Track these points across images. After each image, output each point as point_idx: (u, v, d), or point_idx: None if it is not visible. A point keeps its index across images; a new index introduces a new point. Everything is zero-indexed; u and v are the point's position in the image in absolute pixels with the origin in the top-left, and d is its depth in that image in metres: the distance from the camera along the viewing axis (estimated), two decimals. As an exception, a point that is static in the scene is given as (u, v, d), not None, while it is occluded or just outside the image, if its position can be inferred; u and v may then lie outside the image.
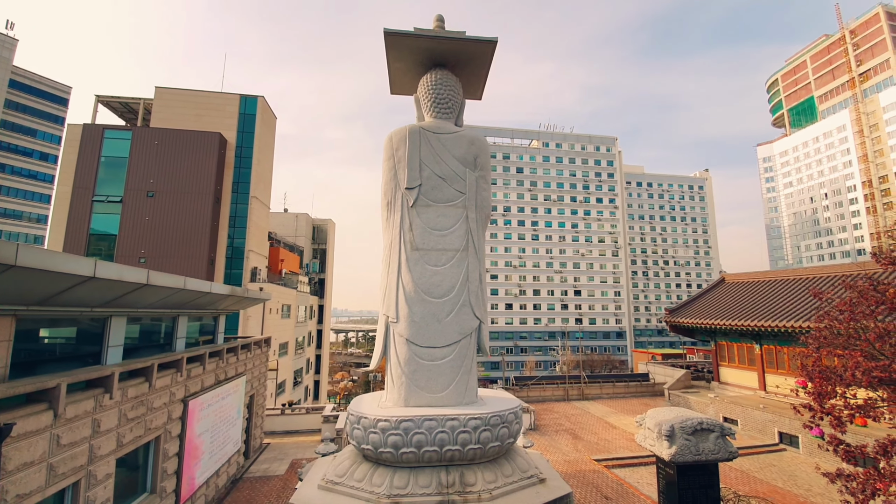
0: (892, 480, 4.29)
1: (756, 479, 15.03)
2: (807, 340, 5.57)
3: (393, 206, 7.32)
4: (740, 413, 21.01)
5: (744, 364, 23.94)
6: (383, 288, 7.32)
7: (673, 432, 7.09)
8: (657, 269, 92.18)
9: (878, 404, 4.96)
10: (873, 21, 78.65)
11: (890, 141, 74.68)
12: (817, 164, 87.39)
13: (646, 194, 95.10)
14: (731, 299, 25.32)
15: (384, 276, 7.35)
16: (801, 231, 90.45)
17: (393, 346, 7.09)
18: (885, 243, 9.56)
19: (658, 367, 31.71)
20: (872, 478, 4.63)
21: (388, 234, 7.37)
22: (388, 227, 7.36)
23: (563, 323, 76.92)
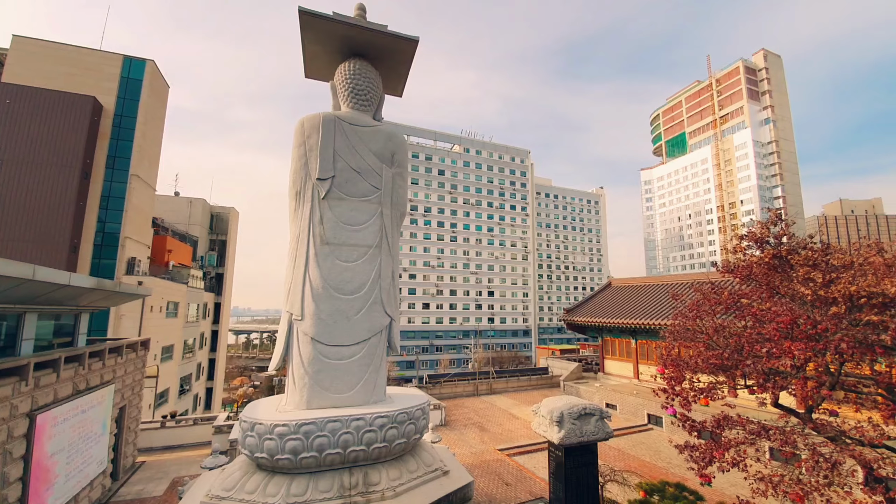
0: (724, 449, 5.33)
1: (629, 455, 17.34)
2: (665, 335, 6.67)
3: (302, 197, 6.86)
4: (619, 399, 24.07)
5: (623, 357, 27.55)
6: (288, 283, 6.83)
7: (562, 418, 7.74)
8: (559, 273, 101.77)
9: (717, 386, 6.09)
10: (734, 73, 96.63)
11: (739, 174, 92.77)
12: (685, 189, 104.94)
13: (552, 205, 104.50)
14: (615, 301, 28.94)
15: (289, 270, 6.86)
16: (670, 244, 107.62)
17: (296, 345, 6.66)
18: (728, 257, 12.48)
19: (556, 361, 34.76)
20: (711, 448, 5.68)
21: (295, 226, 6.89)
22: (297, 219, 6.88)
23: (476, 322, 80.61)
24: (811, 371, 5.14)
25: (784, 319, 4.75)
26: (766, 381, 4.93)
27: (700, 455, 5.60)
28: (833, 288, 4.75)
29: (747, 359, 4.96)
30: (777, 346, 4.62)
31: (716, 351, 5.39)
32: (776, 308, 5.06)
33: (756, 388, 5.16)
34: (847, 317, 4.83)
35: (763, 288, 5.82)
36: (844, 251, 5.81)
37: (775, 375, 5.00)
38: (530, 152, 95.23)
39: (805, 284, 5.02)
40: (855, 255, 5.43)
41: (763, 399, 5.10)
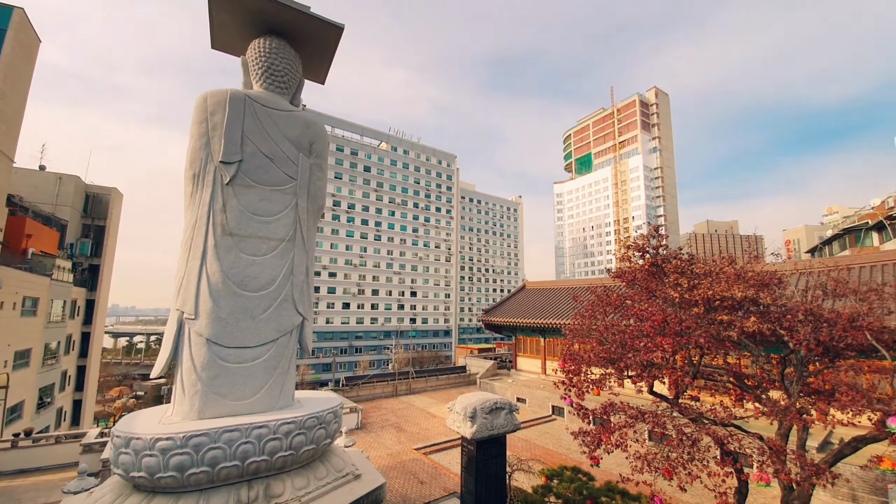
0: (610, 433, 6.01)
1: (535, 444, 18.66)
2: (566, 333, 7.35)
3: (201, 180, 6.08)
4: (528, 393, 25.79)
5: (533, 354, 29.62)
6: (180, 278, 6.03)
7: (475, 413, 7.97)
8: (479, 276, 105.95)
9: (607, 377, 6.84)
10: (631, 105, 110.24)
11: (632, 193, 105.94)
12: (589, 204, 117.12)
13: (475, 210, 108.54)
14: (527, 302, 31.00)
15: (182, 263, 6.06)
16: (576, 252, 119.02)
17: (187, 347, 5.90)
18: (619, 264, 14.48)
19: (474, 359, 36.01)
20: (600, 432, 6.36)
21: (192, 212, 6.09)
22: (193, 205, 6.08)
23: (398, 322, 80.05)
24: (679, 362, 6.08)
25: (657, 318, 5.59)
26: (643, 371, 5.72)
27: (591, 440, 6.26)
28: (695, 292, 5.72)
29: (629, 352, 5.71)
30: (652, 341, 5.40)
31: (606, 346, 6.12)
32: (652, 308, 5.93)
33: (636, 378, 5.93)
34: (705, 316, 5.84)
35: (644, 291, 6.75)
36: (706, 262, 6.98)
37: (651, 367, 5.82)
38: (457, 157, 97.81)
39: (674, 288, 5.96)
40: (713, 266, 6.58)
41: (641, 387, 5.88)
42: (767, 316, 5.93)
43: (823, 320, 5.67)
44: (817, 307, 5.99)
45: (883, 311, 5.98)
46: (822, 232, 61.42)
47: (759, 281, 6.15)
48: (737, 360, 7.19)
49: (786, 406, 5.27)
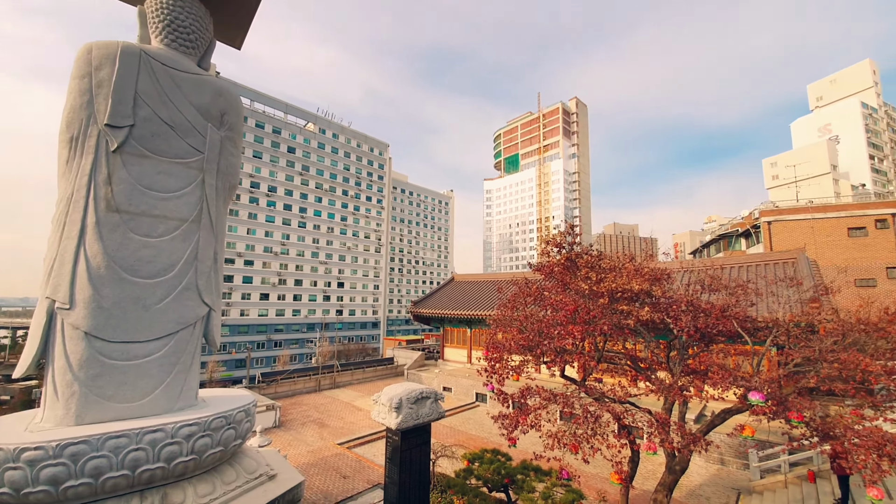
0: (526, 415, 6.44)
1: (459, 430, 19.31)
2: (490, 323, 7.70)
3: (80, 145, 5.10)
4: (454, 382, 26.56)
5: (460, 344, 30.51)
6: (50, 260, 5.04)
7: (401, 404, 7.95)
8: (410, 267, 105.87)
9: (526, 364, 7.27)
10: (555, 112, 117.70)
11: (553, 195, 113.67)
12: (515, 202, 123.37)
13: (407, 201, 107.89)
14: (456, 294, 31.77)
15: (54, 242, 5.08)
16: (502, 247, 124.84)
17: (60, 342, 4.98)
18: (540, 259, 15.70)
19: (402, 351, 36.02)
20: (517, 415, 6.77)
21: (67, 183, 5.10)
22: (69, 174, 5.09)
23: (323, 314, 76.63)
24: (587, 348, 6.72)
25: (569, 308, 6.12)
26: (556, 357, 6.23)
27: (509, 422, 6.64)
28: (602, 285, 6.38)
29: (545, 340, 6.17)
30: (565, 329, 5.90)
31: (525, 334, 6.53)
32: (565, 299, 6.48)
33: (550, 363, 6.43)
34: (609, 306, 6.52)
35: (559, 283, 7.32)
36: (611, 259, 7.77)
37: (563, 352, 6.36)
38: (389, 146, 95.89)
39: (585, 281, 6.58)
40: (617, 262, 7.37)
41: (554, 372, 6.39)
42: (658, 307, 6.84)
43: (701, 311, 6.71)
44: (696, 299, 7.04)
45: (746, 303, 7.20)
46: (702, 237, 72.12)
47: (652, 276, 7.04)
48: (633, 345, 8.11)
49: (670, 384, 6.11)
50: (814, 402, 5.23)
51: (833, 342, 5.67)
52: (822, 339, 5.86)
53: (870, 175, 73.88)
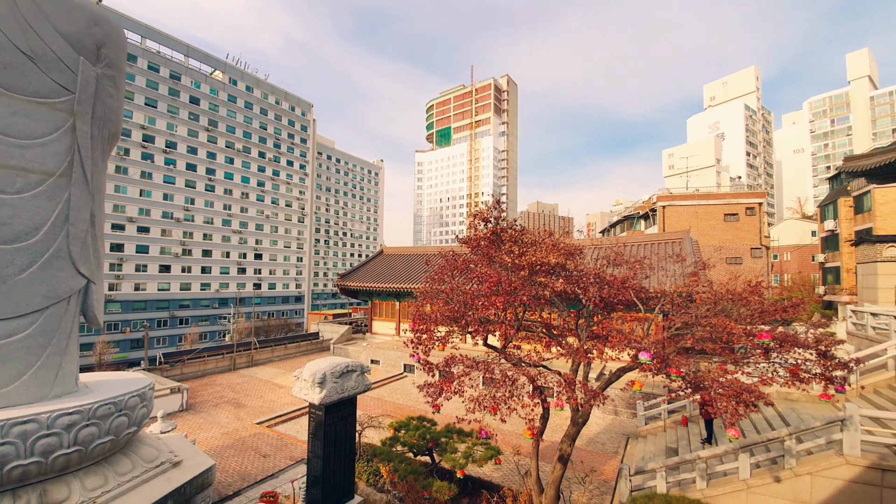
0: (450, 382, 6.73)
1: (387, 401, 19.63)
2: (417, 295, 7.81)
3: None
4: (382, 354, 26.71)
5: (389, 317, 30.55)
6: None
7: (324, 378, 7.80)
8: (336, 239, 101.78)
9: (452, 334, 7.52)
10: (487, 88, 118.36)
11: (482, 171, 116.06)
12: (447, 176, 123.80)
13: (334, 168, 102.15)
14: (385, 267, 31.47)
15: None
16: (433, 221, 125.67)
17: None
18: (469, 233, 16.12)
19: (328, 325, 35.05)
20: (442, 383, 7.05)
21: None
22: None
23: (238, 288, 70.82)
24: (509, 318, 7.16)
25: (493, 280, 6.45)
26: (480, 327, 6.55)
27: (434, 390, 6.90)
28: (523, 258, 6.80)
29: (469, 311, 6.44)
30: (488, 301, 6.21)
31: (451, 306, 6.73)
32: (490, 272, 6.80)
33: (474, 333, 6.75)
34: (529, 279, 6.99)
35: (485, 256, 7.62)
36: (533, 234, 8.26)
37: (486, 323, 6.70)
38: (313, 106, 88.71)
39: (508, 255, 6.96)
40: (537, 237, 7.86)
41: (477, 341, 6.72)
42: (571, 279, 7.52)
43: (605, 283, 7.52)
44: (602, 273, 7.85)
45: (642, 276, 8.20)
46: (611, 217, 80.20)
47: (567, 251, 7.67)
48: (549, 314, 8.81)
49: (577, 348, 6.81)
50: (689, 360, 6.25)
51: (706, 309, 6.80)
52: (698, 307, 6.99)
53: (745, 169, 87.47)
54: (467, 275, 7.45)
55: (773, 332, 6.33)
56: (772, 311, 6.81)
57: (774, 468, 8.49)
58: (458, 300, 6.94)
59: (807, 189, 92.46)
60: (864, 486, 7.59)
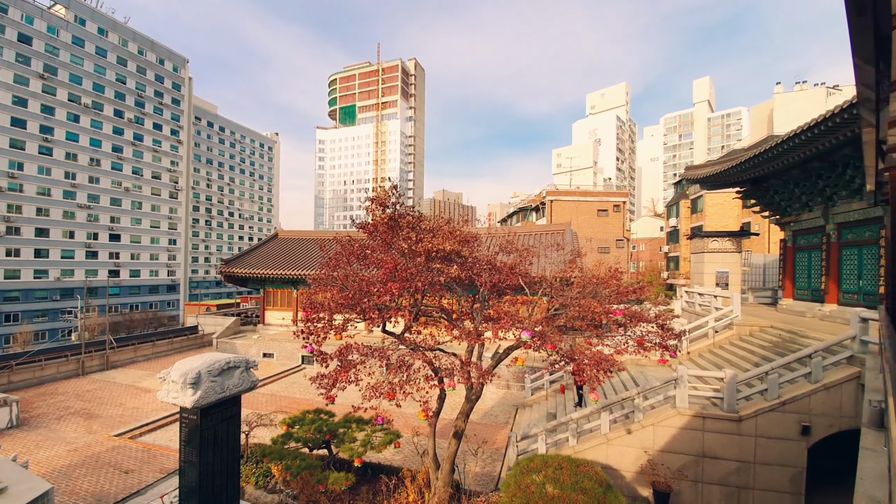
0: (346, 371, 6.59)
1: (281, 396, 18.42)
2: (310, 282, 7.44)
3: None
4: (277, 347, 24.87)
5: (284, 306, 28.47)
6: None
7: (199, 378, 7.01)
8: (221, 220, 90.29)
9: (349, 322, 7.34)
10: (395, 69, 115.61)
11: (389, 155, 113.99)
12: (352, 157, 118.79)
13: (217, 138, 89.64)
14: (280, 252, 29.12)
15: None
16: (336, 204, 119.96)
17: None
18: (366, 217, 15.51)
19: (210, 318, 31.29)
20: (337, 373, 6.86)
21: None
22: None
23: (88, 276, 58.34)
24: (405, 304, 7.26)
25: (389, 266, 6.47)
26: (377, 313, 6.53)
27: (328, 381, 6.69)
28: (420, 245, 6.94)
29: (365, 298, 6.36)
30: (384, 287, 6.21)
31: (346, 293, 6.56)
32: (386, 258, 6.79)
33: (370, 321, 6.70)
34: (427, 265, 7.18)
35: (383, 242, 7.57)
36: (430, 220, 8.47)
37: (383, 309, 6.70)
38: (188, 61, 76.07)
39: (406, 241, 7.02)
40: (435, 224, 8.09)
41: (371, 328, 6.69)
42: (466, 265, 7.93)
43: (497, 269, 8.12)
44: (494, 260, 8.46)
45: (527, 263, 9.03)
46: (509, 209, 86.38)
47: (463, 239, 8.06)
48: (450, 300, 9.19)
49: (471, 331, 7.25)
50: (563, 337, 7.15)
51: (577, 292, 7.84)
52: (571, 290, 8.01)
53: (615, 172, 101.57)
54: (364, 261, 7.32)
55: (627, 310, 7.60)
56: (627, 292, 8.16)
57: (627, 422, 10.28)
58: (353, 287, 6.78)
59: (659, 191, 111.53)
60: (691, 431, 9.66)
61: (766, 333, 13.64)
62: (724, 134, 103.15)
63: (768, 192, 18.64)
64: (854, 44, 1.58)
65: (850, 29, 1.51)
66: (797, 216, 17.72)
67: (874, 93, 2.67)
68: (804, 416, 9.08)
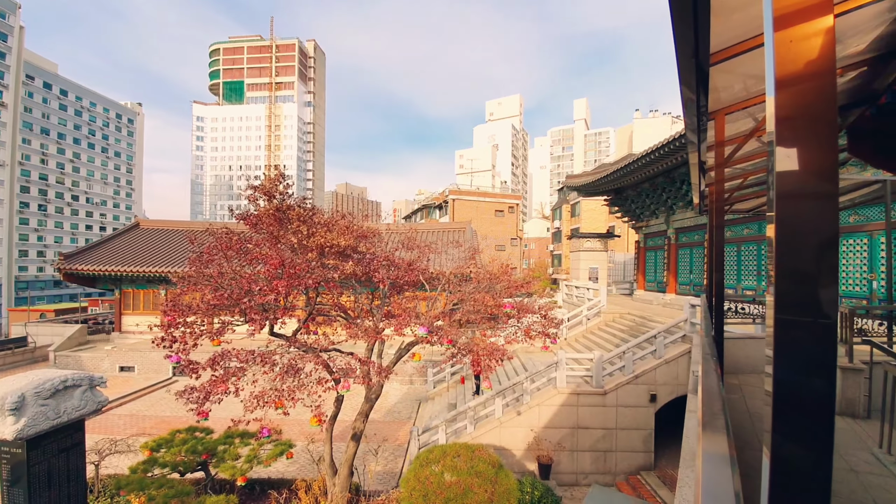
0: (224, 382, 5.84)
1: (146, 416, 15.64)
2: (175, 281, 6.44)
3: None
4: (139, 358, 21.05)
5: (149, 310, 24.20)
6: None
7: (23, 402, 5.65)
8: (62, 205, 72.94)
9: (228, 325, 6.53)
10: (291, 48, 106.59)
11: (285, 142, 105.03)
12: (239, 140, 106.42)
13: (57, 103, 71.96)
14: (143, 246, 24.70)
15: None
16: (219, 192, 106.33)
17: None
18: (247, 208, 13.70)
19: (45, 326, 25.12)
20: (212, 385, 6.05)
21: None
22: None
23: None
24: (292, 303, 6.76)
25: (275, 262, 5.92)
26: (259, 315, 5.92)
27: (201, 394, 5.86)
28: (312, 239, 6.50)
29: (245, 297, 5.72)
30: (268, 285, 5.65)
31: (221, 293, 5.81)
32: (271, 253, 6.21)
33: (252, 322, 6.06)
34: (320, 261, 6.77)
35: (268, 235, 6.92)
36: (324, 213, 8.04)
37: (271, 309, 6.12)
38: (20, 7, 59.94)
39: (295, 235, 6.51)
40: (330, 218, 7.71)
41: (253, 330, 6.08)
42: (363, 262, 7.72)
43: (395, 265, 8.08)
44: (393, 256, 8.41)
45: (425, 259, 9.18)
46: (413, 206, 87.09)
47: (361, 234, 7.82)
48: (353, 297, 8.84)
49: (368, 328, 7.08)
50: (459, 330, 7.45)
51: (473, 287, 8.24)
52: (468, 286, 8.39)
53: (510, 176, 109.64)
54: (246, 256, 6.56)
55: (517, 303, 8.26)
56: (517, 286, 8.86)
57: (517, 405, 11.18)
58: (231, 285, 6.02)
59: (546, 196, 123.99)
60: (568, 408, 10.91)
61: (625, 319, 16.18)
62: (597, 149, 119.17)
63: (626, 200, 22.18)
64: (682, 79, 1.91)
65: (679, 67, 1.82)
66: (647, 222, 21.44)
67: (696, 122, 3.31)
68: (652, 387, 11.00)
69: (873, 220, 10.59)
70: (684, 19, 1.39)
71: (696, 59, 1.73)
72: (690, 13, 1.35)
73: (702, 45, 1.63)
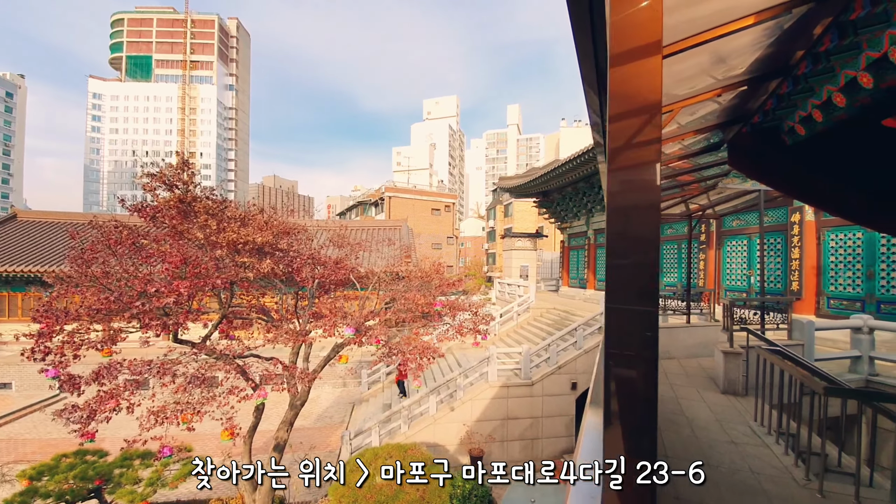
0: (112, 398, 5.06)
1: (28, 440, 13.37)
2: (52, 282, 5.46)
3: None
4: (18, 372, 17.87)
5: (25, 317, 20.45)
6: None
7: None
8: None
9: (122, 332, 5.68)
10: (210, 24, 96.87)
11: (201, 127, 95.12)
12: (145, 122, 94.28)
13: None
14: (19, 240, 20.85)
15: None
16: (120, 179, 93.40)
17: None
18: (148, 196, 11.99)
19: None
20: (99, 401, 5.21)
21: None
22: None
23: None
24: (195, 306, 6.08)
25: (176, 260, 5.27)
26: (157, 320, 5.23)
27: (85, 414, 5.02)
28: (222, 235, 5.91)
29: (139, 300, 5.01)
30: (167, 286, 5.02)
31: (107, 295, 5.03)
32: (172, 250, 5.53)
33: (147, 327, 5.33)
34: (231, 258, 6.18)
35: (170, 230, 6.16)
36: (236, 206, 7.36)
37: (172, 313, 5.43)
38: None
39: (202, 230, 5.87)
40: (246, 212, 7.10)
41: (147, 338, 5.37)
42: (283, 259, 7.22)
43: (321, 263, 7.68)
44: (318, 254, 8.00)
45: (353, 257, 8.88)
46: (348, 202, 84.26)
47: (282, 230, 7.30)
48: (280, 297, 8.22)
49: (295, 330, 6.64)
50: (392, 330, 7.31)
51: (404, 286, 8.14)
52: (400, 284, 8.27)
53: (447, 175, 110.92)
54: (140, 253, 5.74)
55: (448, 301, 8.31)
56: (448, 284, 8.92)
57: (451, 401, 11.30)
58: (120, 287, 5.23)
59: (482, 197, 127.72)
60: (499, 400, 11.26)
61: (551, 314, 17.19)
62: (528, 154, 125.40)
63: (553, 203, 23.64)
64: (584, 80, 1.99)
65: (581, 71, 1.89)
66: (571, 223, 23.03)
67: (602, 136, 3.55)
68: (573, 376, 11.80)
69: (751, 224, 12.48)
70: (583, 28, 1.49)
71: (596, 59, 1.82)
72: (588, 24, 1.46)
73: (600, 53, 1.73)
